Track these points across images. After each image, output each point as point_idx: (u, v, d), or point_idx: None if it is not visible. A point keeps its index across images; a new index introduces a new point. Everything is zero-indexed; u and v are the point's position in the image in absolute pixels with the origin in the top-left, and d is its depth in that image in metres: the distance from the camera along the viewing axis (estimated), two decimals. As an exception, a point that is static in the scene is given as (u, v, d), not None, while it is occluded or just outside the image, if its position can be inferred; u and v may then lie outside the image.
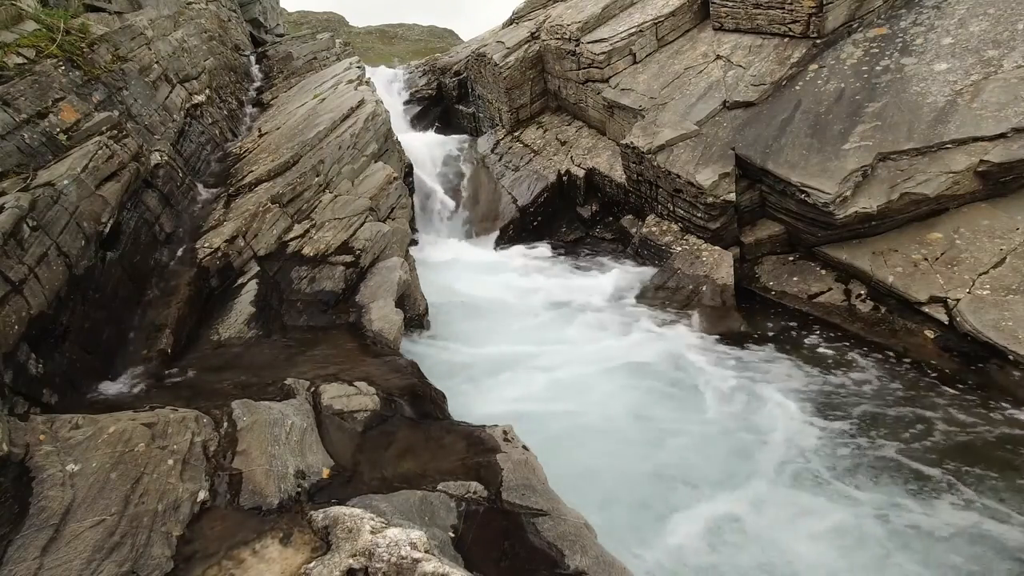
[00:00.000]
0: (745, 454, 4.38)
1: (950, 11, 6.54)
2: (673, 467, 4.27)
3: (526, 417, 4.66)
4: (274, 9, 17.94)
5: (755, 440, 4.49)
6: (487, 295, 7.10)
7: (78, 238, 4.47)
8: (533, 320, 6.45)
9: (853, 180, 5.69)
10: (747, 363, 5.42)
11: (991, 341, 4.72)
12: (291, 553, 2.46)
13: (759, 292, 6.40)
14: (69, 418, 3.23)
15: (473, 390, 5.18)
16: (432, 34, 28.59)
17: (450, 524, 2.97)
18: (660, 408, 4.94)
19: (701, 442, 4.50)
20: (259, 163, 7.31)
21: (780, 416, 4.68)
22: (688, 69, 8.04)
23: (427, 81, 13.45)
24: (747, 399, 4.94)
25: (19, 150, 4.77)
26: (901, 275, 5.48)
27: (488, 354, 5.71)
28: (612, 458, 4.35)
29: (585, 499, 3.52)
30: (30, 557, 2.46)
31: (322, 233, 6.24)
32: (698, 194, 6.58)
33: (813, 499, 3.93)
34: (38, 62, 5.46)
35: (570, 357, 5.66)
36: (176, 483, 2.92)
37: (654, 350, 5.72)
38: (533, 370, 5.44)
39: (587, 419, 4.79)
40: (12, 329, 3.67)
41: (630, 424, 4.75)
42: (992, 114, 5.46)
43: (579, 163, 9.08)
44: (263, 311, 5.40)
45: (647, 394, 5.12)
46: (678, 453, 4.41)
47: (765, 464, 4.25)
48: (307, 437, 3.45)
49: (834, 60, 6.86)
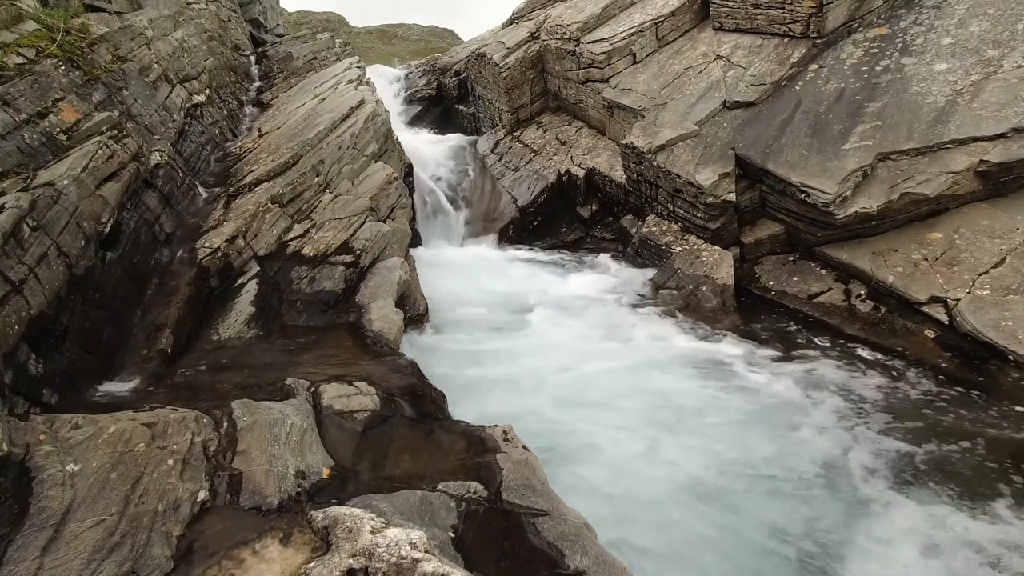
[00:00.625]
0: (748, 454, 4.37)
1: (950, 11, 6.54)
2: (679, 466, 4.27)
3: (526, 417, 4.67)
4: (274, 9, 17.94)
5: (754, 440, 4.49)
6: (487, 295, 7.10)
7: (78, 238, 4.47)
8: (533, 320, 6.45)
9: (853, 180, 5.69)
10: (747, 363, 5.41)
11: (991, 341, 4.72)
12: (291, 553, 2.46)
13: (759, 292, 6.40)
14: (69, 418, 3.24)
15: (473, 390, 5.18)
16: (432, 34, 28.59)
17: (450, 524, 2.97)
18: (660, 408, 4.93)
19: (701, 443, 4.50)
20: (259, 163, 7.31)
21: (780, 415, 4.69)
22: (688, 69, 8.04)
23: (427, 81, 13.45)
24: (747, 399, 4.95)
25: (19, 150, 4.77)
26: (901, 275, 5.48)
27: (488, 354, 5.71)
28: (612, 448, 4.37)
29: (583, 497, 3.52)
30: (30, 557, 2.46)
31: (322, 233, 6.24)
32: (698, 194, 6.58)
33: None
34: (38, 62, 5.46)
35: (570, 357, 5.65)
36: (176, 483, 2.92)
37: (653, 350, 5.72)
38: (533, 370, 5.44)
39: (587, 419, 4.78)
40: (12, 329, 3.67)
41: (629, 424, 4.75)
42: (992, 114, 5.46)
43: (579, 163, 9.08)
44: (263, 311, 5.40)
45: (647, 393, 5.11)
46: (678, 451, 4.40)
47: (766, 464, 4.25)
48: (307, 437, 3.45)
49: (834, 60, 6.86)
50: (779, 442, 4.44)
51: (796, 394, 4.92)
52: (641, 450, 4.43)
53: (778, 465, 4.23)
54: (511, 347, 5.85)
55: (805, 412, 4.71)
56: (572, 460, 4.31)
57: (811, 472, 4.15)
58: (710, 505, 3.92)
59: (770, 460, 4.28)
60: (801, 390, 4.96)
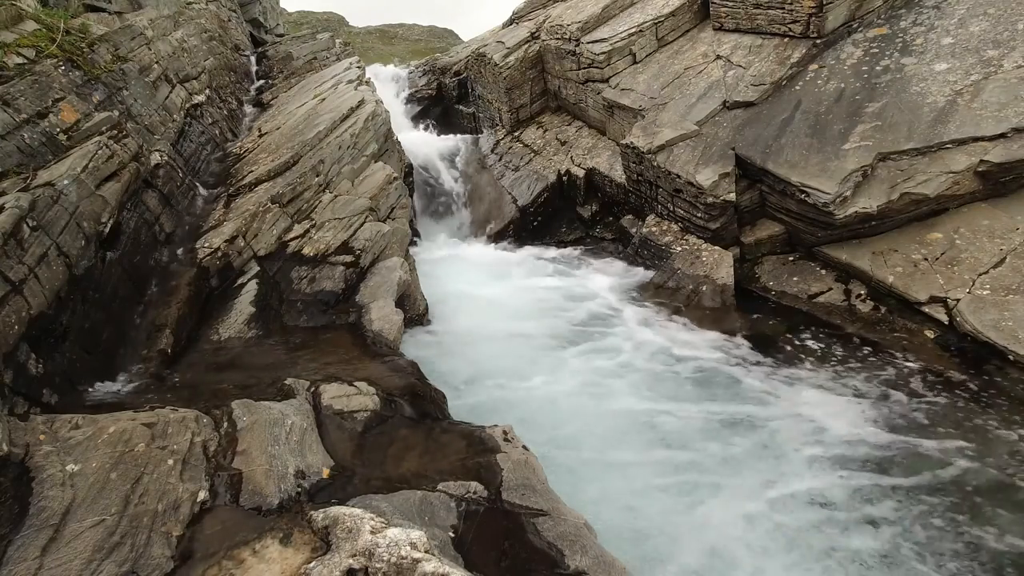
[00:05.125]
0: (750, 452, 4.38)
1: (950, 11, 6.54)
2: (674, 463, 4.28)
3: (525, 417, 4.67)
4: (274, 9, 17.94)
5: (757, 437, 4.50)
6: (487, 295, 7.10)
7: (78, 238, 4.47)
8: (533, 320, 6.45)
9: (853, 180, 5.69)
10: (747, 363, 5.41)
11: (991, 341, 4.72)
12: (291, 553, 2.46)
13: (759, 292, 6.40)
14: (69, 418, 3.24)
15: (474, 390, 5.18)
16: (432, 34, 28.58)
17: (450, 524, 2.97)
18: (659, 408, 4.93)
19: (700, 442, 4.50)
20: (259, 163, 7.31)
21: (779, 414, 4.69)
22: (688, 69, 8.04)
23: (427, 81, 13.45)
24: (746, 398, 4.95)
25: (19, 150, 4.77)
26: (901, 275, 5.48)
27: (488, 354, 5.71)
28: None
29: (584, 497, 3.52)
30: (30, 557, 2.46)
31: (322, 233, 6.24)
32: (698, 194, 6.58)
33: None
34: (38, 62, 5.46)
35: (569, 356, 5.66)
36: (176, 483, 2.92)
37: (653, 349, 5.72)
38: (533, 369, 5.44)
39: (586, 419, 4.79)
40: (12, 329, 3.67)
41: (629, 422, 4.75)
42: (992, 114, 5.46)
43: (579, 163, 9.08)
44: (263, 311, 5.40)
45: (646, 394, 5.11)
46: (679, 453, 4.41)
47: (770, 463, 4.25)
48: (307, 437, 3.45)
49: (834, 60, 6.86)
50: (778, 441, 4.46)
51: (796, 394, 4.92)
52: (637, 444, 4.43)
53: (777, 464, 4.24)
54: (511, 347, 5.85)
55: (805, 411, 4.72)
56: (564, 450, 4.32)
57: (804, 469, 4.16)
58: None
59: (765, 461, 4.29)
60: (801, 390, 4.97)
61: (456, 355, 5.72)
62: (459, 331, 6.18)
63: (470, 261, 8.39)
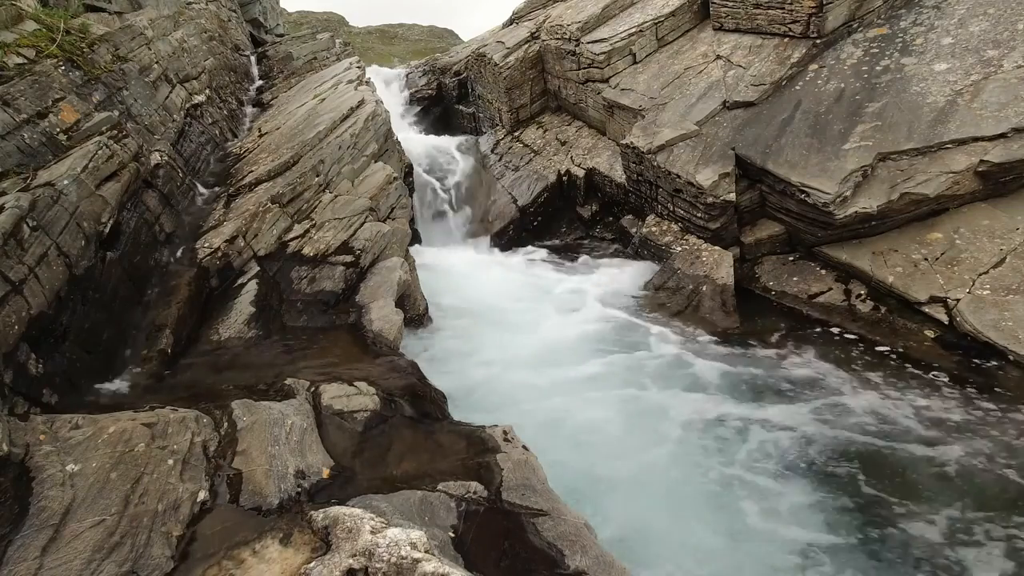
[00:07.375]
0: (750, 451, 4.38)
1: (950, 11, 6.54)
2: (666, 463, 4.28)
3: (525, 417, 4.66)
4: (274, 9, 17.93)
5: (757, 438, 4.50)
6: (487, 295, 7.10)
7: (78, 238, 4.47)
8: (533, 320, 6.45)
9: (853, 180, 5.69)
10: (746, 363, 5.41)
11: (991, 341, 4.73)
12: (291, 553, 2.46)
13: (759, 292, 6.40)
14: (69, 418, 3.24)
15: (474, 390, 5.18)
16: (432, 34, 28.59)
17: (450, 524, 2.97)
18: (659, 406, 4.93)
19: (702, 441, 4.50)
20: (259, 163, 7.31)
21: (779, 414, 4.69)
22: (688, 69, 8.04)
23: (427, 81, 13.44)
24: (745, 398, 4.95)
25: (19, 150, 4.77)
26: (901, 275, 5.48)
27: (488, 354, 5.71)
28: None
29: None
30: (30, 557, 2.46)
31: (322, 233, 6.24)
32: (698, 194, 6.58)
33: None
34: (38, 62, 5.46)
35: (569, 356, 5.66)
36: (176, 483, 2.92)
37: (652, 349, 5.72)
38: (533, 369, 5.44)
39: (585, 419, 4.79)
40: (12, 329, 3.67)
41: (628, 422, 4.75)
42: (992, 114, 5.46)
43: (579, 163, 9.08)
44: (263, 311, 5.40)
45: (646, 393, 5.12)
46: (676, 455, 4.41)
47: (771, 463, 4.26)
48: (307, 437, 3.45)
49: (834, 60, 6.86)
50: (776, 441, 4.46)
51: (794, 395, 4.92)
52: (641, 447, 4.43)
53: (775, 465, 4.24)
54: (512, 347, 5.85)
55: (804, 412, 4.71)
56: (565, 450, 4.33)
57: (809, 470, 4.16)
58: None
59: (763, 457, 4.29)
60: (800, 391, 4.97)
61: (456, 355, 5.72)
62: (459, 331, 6.18)
63: (470, 261, 8.39)
